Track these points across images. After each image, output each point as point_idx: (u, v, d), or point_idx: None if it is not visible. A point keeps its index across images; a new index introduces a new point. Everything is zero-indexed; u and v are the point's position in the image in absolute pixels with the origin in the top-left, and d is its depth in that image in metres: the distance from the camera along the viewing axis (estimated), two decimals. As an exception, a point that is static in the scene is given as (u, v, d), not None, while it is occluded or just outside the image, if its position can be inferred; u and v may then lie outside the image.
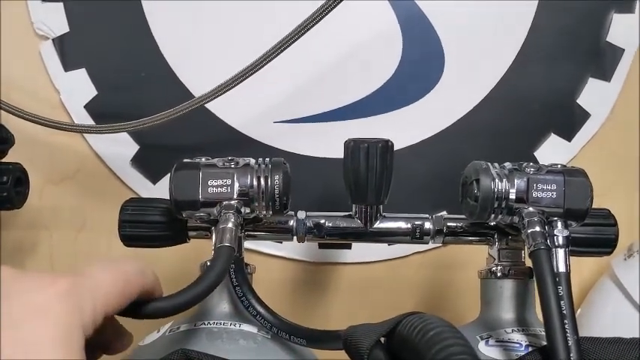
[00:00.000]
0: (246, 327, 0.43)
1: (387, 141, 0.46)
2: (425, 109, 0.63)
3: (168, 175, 0.62)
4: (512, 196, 0.40)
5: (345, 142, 0.47)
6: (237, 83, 0.54)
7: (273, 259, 0.65)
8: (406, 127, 0.63)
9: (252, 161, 0.43)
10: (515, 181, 0.41)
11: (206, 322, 0.43)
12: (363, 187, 0.46)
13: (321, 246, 0.64)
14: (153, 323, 0.48)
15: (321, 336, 0.42)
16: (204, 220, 0.43)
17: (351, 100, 0.63)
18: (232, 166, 0.42)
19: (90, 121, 0.63)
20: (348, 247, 0.53)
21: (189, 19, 0.62)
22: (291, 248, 0.64)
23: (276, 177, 0.42)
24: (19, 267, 0.63)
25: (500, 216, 0.41)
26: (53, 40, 0.62)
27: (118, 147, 0.63)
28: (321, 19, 0.52)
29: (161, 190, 0.63)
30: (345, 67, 0.62)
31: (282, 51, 0.53)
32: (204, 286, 0.34)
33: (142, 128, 0.56)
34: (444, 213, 0.61)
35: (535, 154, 0.63)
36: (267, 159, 0.43)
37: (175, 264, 0.64)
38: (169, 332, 0.43)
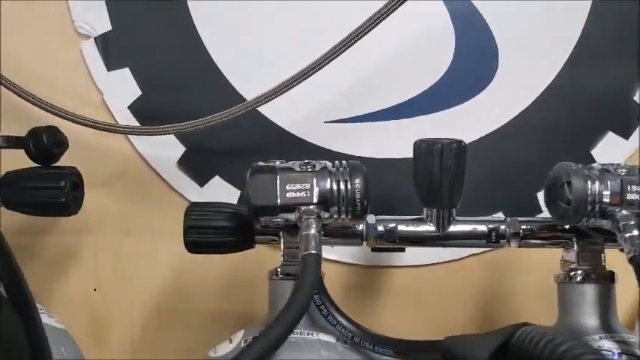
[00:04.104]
0: (323, 336, 0.42)
1: (461, 141, 0.45)
2: (479, 108, 0.61)
3: (216, 177, 0.62)
4: (607, 199, 0.39)
5: (415, 142, 0.46)
6: (291, 87, 0.53)
7: (323, 262, 0.63)
8: (459, 126, 0.61)
9: (329, 164, 0.41)
10: (609, 182, 0.39)
11: (282, 332, 0.41)
12: (436, 190, 0.45)
13: (374, 249, 0.63)
14: (220, 331, 0.47)
15: (410, 346, 0.40)
16: (280, 226, 0.41)
17: (402, 99, 0.61)
18: (309, 169, 0.41)
19: (134, 122, 0.61)
20: (402, 249, 0.52)
21: (237, 19, 0.60)
22: (342, 251, 0.62)
23: (357, 180, 0.40)
24: (63, 273, 0.62)
25: (592, 219, 0.40)
26: (95, 38, 0.61)
27: (164, 149, 0.61)
28: (377, 24, 0.51)
29: (209, 192, 0.61)
30: (396, 66, 0.61)
31: (337, 56, 0.52)
32: (303, 299, 0.33)
33: (193, 130, 0.55)
34: (500, 215, 0.60)
35: (592, 152, 0.62)
36: (345, 162, 0.42)
37: (223, 271, 0.62)
38: (245, 343, 0.42)
